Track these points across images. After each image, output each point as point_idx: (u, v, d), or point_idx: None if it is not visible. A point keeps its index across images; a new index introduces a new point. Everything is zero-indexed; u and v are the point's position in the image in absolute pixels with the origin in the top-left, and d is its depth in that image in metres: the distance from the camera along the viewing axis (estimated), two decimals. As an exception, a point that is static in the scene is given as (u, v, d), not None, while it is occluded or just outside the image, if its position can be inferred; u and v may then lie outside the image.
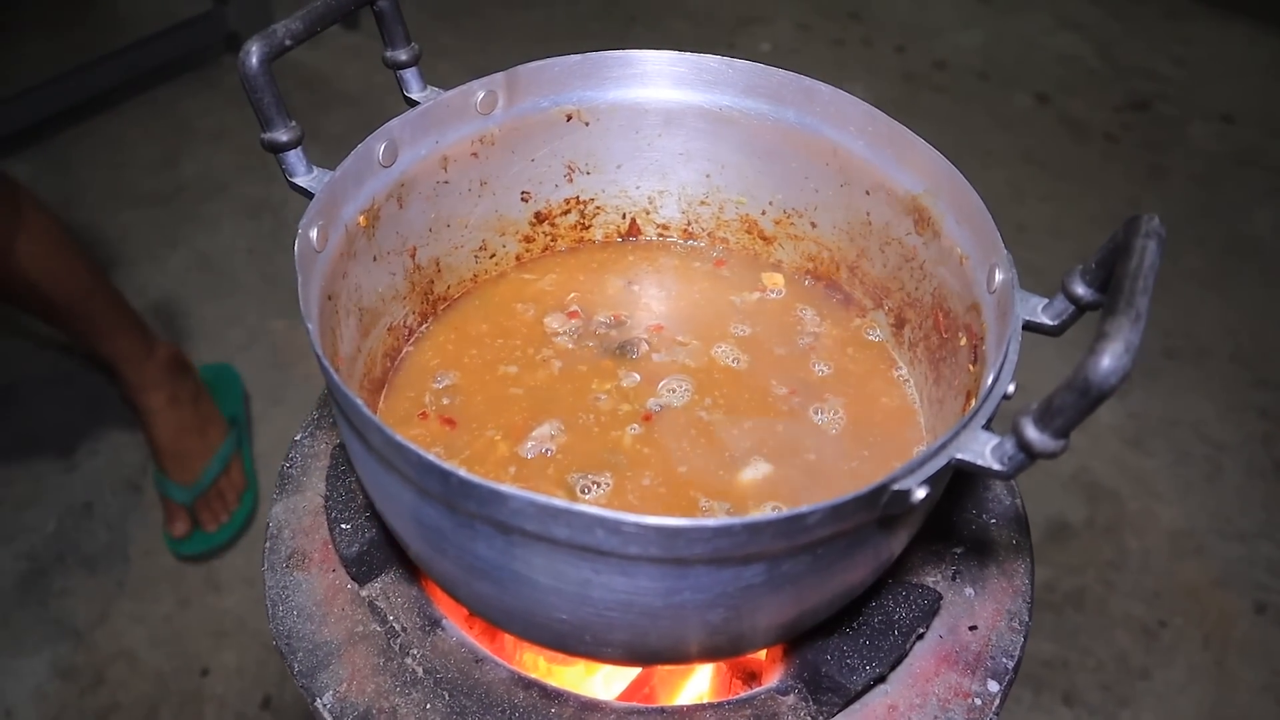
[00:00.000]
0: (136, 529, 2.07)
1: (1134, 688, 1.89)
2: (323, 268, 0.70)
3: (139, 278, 2.50)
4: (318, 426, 0.88)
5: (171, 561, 2.01)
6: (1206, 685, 1.89)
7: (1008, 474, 0.55)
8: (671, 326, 0.87)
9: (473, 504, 0.53)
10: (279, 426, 2.22)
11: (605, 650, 0.62)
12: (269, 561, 0.79)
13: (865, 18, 3.42)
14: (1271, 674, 1.90)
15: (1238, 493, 2.16)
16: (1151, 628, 1.96)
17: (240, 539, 2.04)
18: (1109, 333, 0.49)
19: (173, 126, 2.89)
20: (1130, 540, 2.08)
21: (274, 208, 2.68)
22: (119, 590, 1.98)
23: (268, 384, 2.30)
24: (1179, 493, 2.15)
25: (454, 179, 0.83)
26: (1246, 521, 2.11)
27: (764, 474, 0.76)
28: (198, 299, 2.46)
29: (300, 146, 0.71)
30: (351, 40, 3.19)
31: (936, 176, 0.75)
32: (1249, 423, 2.26)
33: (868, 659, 0.69)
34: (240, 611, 1.94)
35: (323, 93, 3.00)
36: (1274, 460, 2.20)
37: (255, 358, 2.36)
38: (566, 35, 3.26)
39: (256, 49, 0.66)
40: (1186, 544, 2.08)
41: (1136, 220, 0.57)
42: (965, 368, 0.72)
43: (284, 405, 2.26)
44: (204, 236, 2.61)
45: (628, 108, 0.86)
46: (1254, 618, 1.98)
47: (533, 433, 0.77)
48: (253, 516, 2.08)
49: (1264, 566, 2.04)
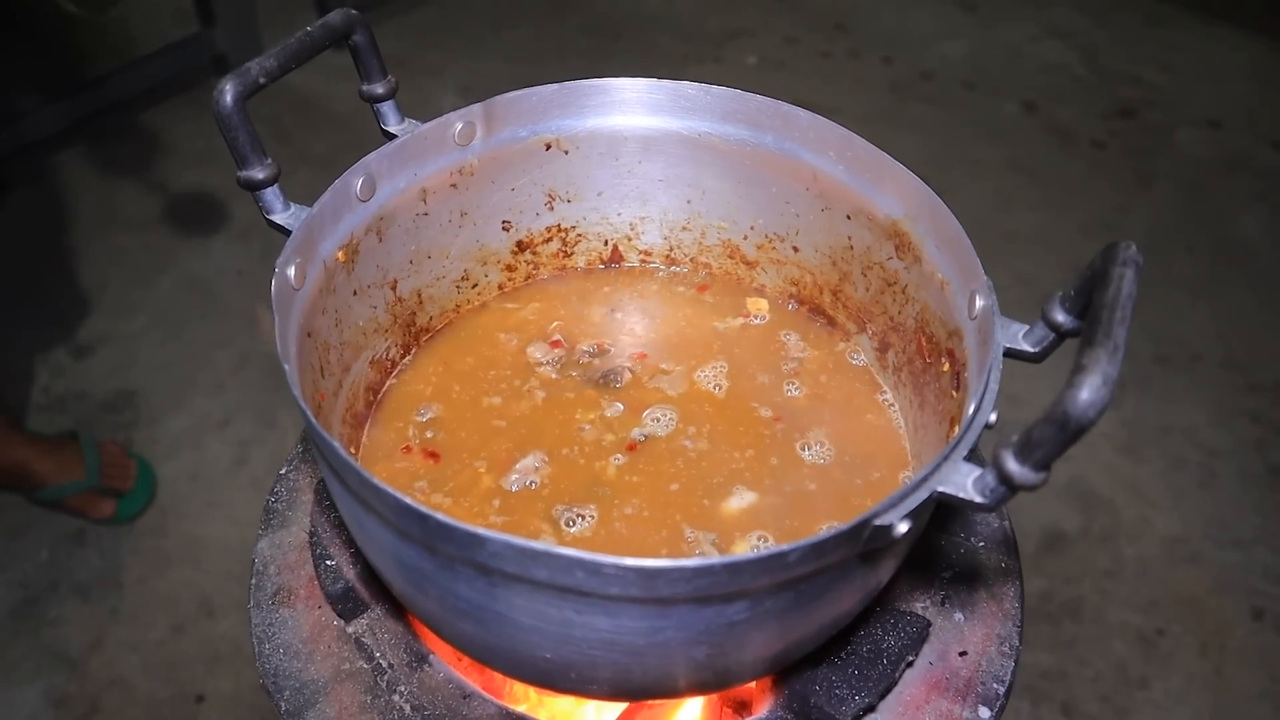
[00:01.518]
0: (129, 556, 2.06)
1: (1132, 697, 1.89)
2: (301, 305, 0.69)
3: (130, 300, 2.49)
4: (303, 460, 0.88)
5: (165, 587, 2.01)
6: (1205, 693, 1.89)
7: (990, 506, 0.55)
8: (655, 354, 0.87)
9: (452, 546, 0.53)
10: (272, 450, 2.22)
11: (590, 687, 0.62)
12: (254, 598, 0.79)
13: (851, 29, 3.43)
14: (1270, 680, 1.90)
15: (1232, 499, 2.16)
16: (1149, 636, 1.96)
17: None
18: (1086, 365, 0.49)
19: (162, 149, 2.89)
20: (1126, 548, 2.08)
21: (264, 230, 2.63)
22: (112, 618, 1.97)
23: (260, 407, 2.30)
24: (1173, 500, 2.15)
25: (434, 210, 0.82)
26: (1242, 528, 2.11)
27: (749, 503, 0.75)
28: (189, 321, 2.46)
29: (276, 184, 0.71)
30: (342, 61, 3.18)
31: (916, 201, 0.75)
32: (1242, 428, 2.26)
33: (857, 689, 0.69)
34: (235, 636, 1.93)
35: (313, 114, 3.00)
36: (1268, 465, 2.20)
37: (247, 381, 2.35)
38: (553, 53, 3.27)
39: (230, 88, 0.66)
40: (1182, 551, 2.08)
41: (1114, 248, 0.56)
42: (948, 393, 0.72)
43: (278, 428, 2.25)
44: (194, 259, 2.61)
45: (606, 135, 0.85)
46: (1251, 625, 1.97)
47: (517, 465, 0.77)
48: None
49: (1260, 573, 2.04)
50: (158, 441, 2.24)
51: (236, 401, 2.31)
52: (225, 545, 2.07)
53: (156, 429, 2.27)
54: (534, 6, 3.50)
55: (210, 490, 2.17)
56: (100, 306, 2.50)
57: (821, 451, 0.80)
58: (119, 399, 2.32)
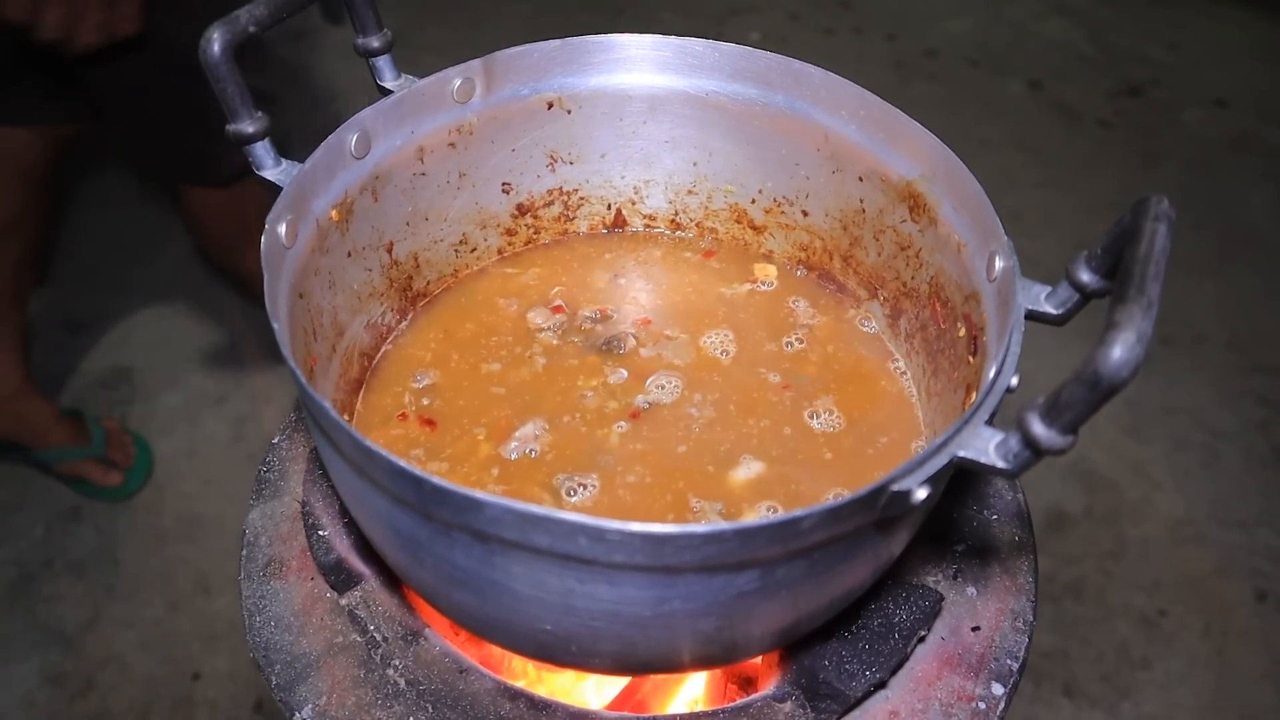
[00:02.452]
0: (125, 533, 2.04)
1: (1134, 678, 1.87)
2: (293, 264, 0.67)
3: (126, 277, 2.46)
4: (295, 429, 0.86)
5: (162, 564, 1.99)
6: (1207, 674, 1.87)
7: (1013, 472, 0.52)
8: (659, 320, 0.84)
9: (448, 512, 0.50)
10: (269, 426, 2.19)
11: (592, 661, 0.59)
12: (245, 570, 0.77)
13: (855, 6, 3.39)
14: (1273, 662, 1.88)
15: (1236, 480, 2.14)
16: (1151, 617, 1.94)
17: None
18: (1120, 322, 0.46)
19: (156, 124, 2.86)
20: (1129, 529, 2.06)
21: (260, 205, 2.65)
22: (108, 595, 1.95)
23: (257, 384, 2.27)
24: (1177, 481, 2.13)
25: (431, 170, 0.80)
26: (1245, 509, 2.09)
27: (757, 473, 0.73)
28: (185, 297, 2.43)
29: (268, 138, 0.68)
30: (338, 34, 3.15)
31: (932, 161, 0.72)
32: (1246, 409, 2.24)
33: (867, 664, 0.67)
34: (232, 614, 1.91)
35: (307, 87, 2.97)
36: (1272, 447, 2.18)
37: (243, 358, 2.33)
38: (554, 29, 3.19)
39: (218, 36, 0.63)
40: (1186, 532, 2.06)
41: (1145, 202, 0.54)
42: (964, 360, 0.69)
43: (274, 404, 2.23)
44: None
45: (611, 94, 0.83)
46: (1255, 606, 1.96)
47: (516, 433, 0.75)
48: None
49: (1264, 554, 2.02)
50: (154, 418, 2.22)
51: (233, 378, 2.29)
52: (222, 522, 2.05)
53: (153, 406, 2.24)
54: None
55: (207, 467, 2.14)
56: (96, 283, 2.47)
57: (831, 420, 0.77)
58: (115, 375, 2.30)
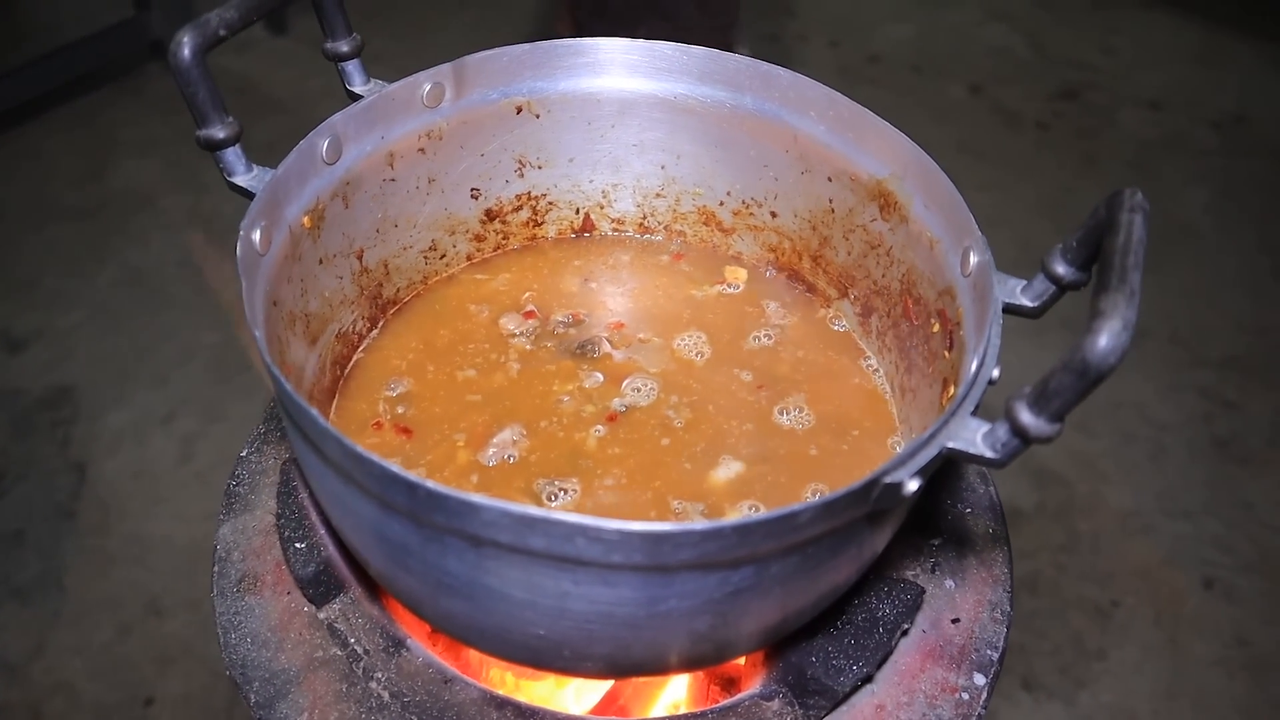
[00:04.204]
0: (70, 556, 1.98)
1: (1090, 669, 1.91)
2: (267, 271, 0.65)
3: (67, 293, 2.40)
4: (265, 441, 0.84)
5: (110, 587, 1.93)
6: (1160, 662, 1.91)
7: (1000, 461, 0.53)
8: (632, 324, 0.84)
9: (441, 516, 0.50)
10: (219, 444, 2.15)
11: (584, 665, 0.59)
12: (218, 586, 0.75)
13: (799, 13, 3.43)
14: (1222, 648, 1.93)
15: (1181, 472, 2.19)
16: (1105, 608, 1.98)
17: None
18: (1105, 310, 0.47)
19: (97, 138, 2.79)
20: (1080, 523, 2.10)
21: (205, 219, 2.60)
22: (54, 620, 1.89)
23: (206, 400, 2.23)
24: (1125, 474, 2.18)
25: (401, 176, 0.79)
26: (1191, 499, 2.15)
27: (736, 472, 0.73)
28: (128, 314, 2.38)
29: (239, 144, 0.67)
30: (281, 45, 3.11)
31: (903, 160, 0.73)
32: (1189, 403, 2.30)
33: (854, 659, 0.67)
34: (185, 636, 1.87)
35: (252, 99, 2.92)
36: (1215, 438, 2.24)
37: (191, 374, 2.28)
38: (499, 38, 3.20)
39: (189, 39, 0.62)
40: (1134, 524, 2.11)
41: (1119, 195, 0.55)
42: (940, 354, 0.70)
43: (225, 421, 2.19)
44: (133, 250, 2.52)
45: (580, 98, 0.83)
46: (1203, 593, 2.01)
47: (494, 439, 0.74)
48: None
49: (1210, 543, 2.08)
50: (98, 438, 2.16)
51: (180, 395, 2.24)
52: (172, 543, 2.00)
53: (97, 425, 2.18)
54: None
55: (155, 487, 2.09)
56: (35, 300, 2.40)
57: (805, 418, 0.78)
58: (57, 395, 2.23)
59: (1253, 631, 1.95)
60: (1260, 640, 1.94)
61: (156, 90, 2.94)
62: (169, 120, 2.85)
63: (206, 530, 2.05)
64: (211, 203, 2.63)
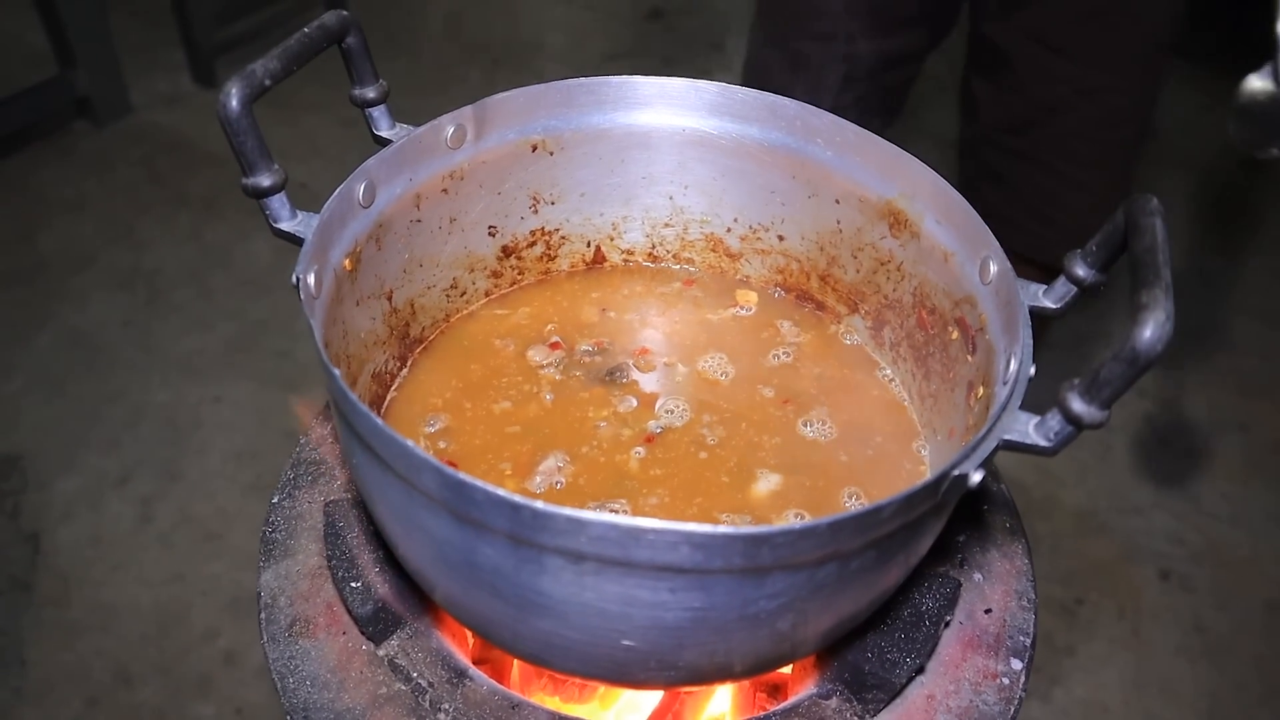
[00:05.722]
0: (30, 630, 1.91)
1: (1062, 665, 1.97)
2: (320, 315, 0.67)
3: (5, 359, 2.33)
4: (295, 486, 0.84)
5: (75, 660, 1.87)
6: (1126, 654, 1.99)
7: (1052, 449, 0.57)
8: (655, 349, 0.87)
9: (546, 536, 0.52)
10: (179, 503, 2.11)
11: (668, 674, 0.61)
12: (268, 633, 0.75)
13: (725, 47, 3.52)
14: (1182, 635, 2.02)
15: (1129, 470, 2.30)
16: (1070, 606, 2.06)
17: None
18: (1148, 304, 0.52)
19: (26, 199, 2.73)
20: (1039, 525, 2.18)
21: (146, 276, 2.56)
22: (16, 699, 1.83)
23: (161, 460, 2.18)
24: (1077, 476, 2.27)
25: (425, 217, 0.81)
26: (1141, 495, 2.25)
27: (775, 484, 0.76)
28: (73, 378, 2.32)
29: (283, 191, 0.68)
30: (210, 98, 3.08)
31: (912, 179, 0.77)
32: (1131, 403, 2.41)
33: (906, 652, 0.70)
34: (157, 704, 1.82)
35: (187, 153, 2.89)
36: (1157, 436, 2.35)
37: (143, 434, 2.23)
38: (435, 84, 3.24)
39: (237, 91, 0.64)
40: (1090, 523, 2.20)
41: (1136, 202, 0.60)
42: (961, 359, 0.74)
43: (183, 480, 2.14)
44: (73, 312, 2.46)
45: (592, 135, 0.86)
46: (1161, 585, 2.10)
47: (540, 466, 0.76)
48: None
49: (1163, 536, 2.17)
50: (50, 506, 2.10)
51: (134, 457, 2.19)
52: (137, 608, 1.95)
53: (47, 493, 2.12)
54: (408, 38, 3.47)
55: (115, 552, 2.04)
56: (-29, 368, 2.33)
57: (830, 429, 0.81)
58: (2, 465, 2.17)
59: (1209, 618, 2.04)
60: (1217, 626, 2.03)
61: (86, 148, 2.89)
62: (102, 178, 2.80)
63: (172, 593, 2.01)
64: (153, 259, 2.59)
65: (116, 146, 2.91)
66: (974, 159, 1.73)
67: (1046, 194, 1.63)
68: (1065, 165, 1.59)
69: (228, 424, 2.26)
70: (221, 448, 2.22)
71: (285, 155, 0.68)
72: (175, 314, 2.49)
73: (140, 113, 3.03)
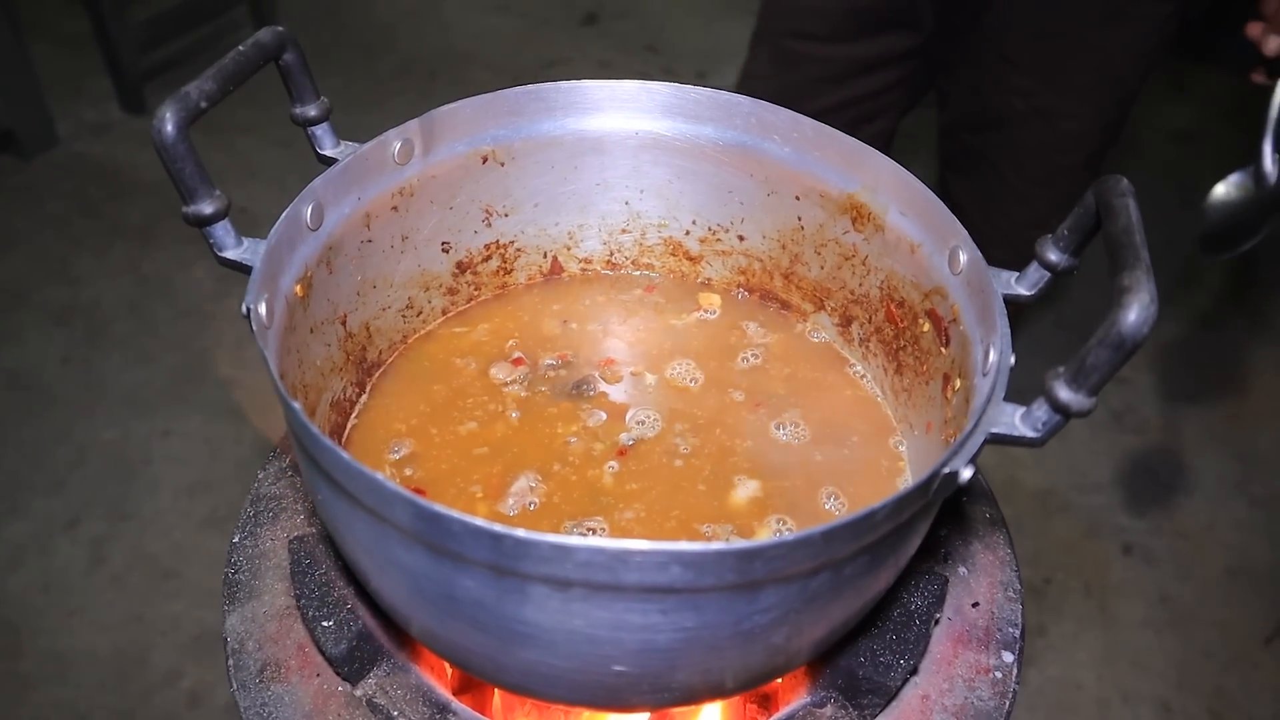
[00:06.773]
0: (-18, 687, 1.84)
1: (1034, 645, 1.99)
2: (273, 345, 0.64)
3: (-61, 407, 2.25)
4: (256, 524, 0.81)
5: (31, 713, 1.80)
6: (1095, 630, 2.01)
7: (1039, 440, 0.56)
8: (621, 359, 0.85)
9: (529, 564, 0.49)
10: (132, 543, 2.04)
11: (660, 696, 0.59)
12: (237, 680, 0.72)
13: (662, 50, 3.51)
14: (1147, 607, 2.04)
15: (1086, 448, 2.32)
16: (1038, 586, 2.07)
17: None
18: (1130, 286, 0.51)
19: (-49, 237, 2.64)
20: (1003, 508, 2.18)
21: (84, 311, 2.48)
22: (-28, 759, 1.75)
23: (110, 500, 2.11)
24: (1035, 457, 2.29)
25: (376, 237, 0.78)
26: (1099, 472, 2.27)
27: (754, 491, 0.75)
28: (14, 421, 2.24)
29: (227, 218, 0.65)
30: (140, 125, 3.00)
31: (874, 172, 0.76)
32: (1083, 381, 2.44)
33: (899, 653, 0.69)
34: (121, 754, 1.76)
35: (118, 182, 2.81)
36: (1111, 413, 2.38)
37: (89, 474, 2.16)
38: (371, 99, 3.18)
39: (171, 115, 0.60)
40: (1053, 503, 2.21)
41: (1106, 183, 0.59)
42: (934, 352, 0.73)
43: (135, 519, 2.08)
44: (8, 351, 2.38)
45: (543, 143, 0.83)
46: (1124, 560, 2.12)
47: (511, 488, 0.73)
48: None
49: (1122, 510, 2.20)
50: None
51: (82, 498, 2.12)
52: (94, 655, 1.89)
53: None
54: (341, 54, 3.41)
55: (67, 598, 1.97)
56: (-98, 418, 2.24)
57: (804, 430, 0.80)
58: (-58, 514, 2.08)
59: (1172, 589, 2.07)
60: (1180, 595, 2.06)
61: (12, 183, 2.79)
62: (30, 213, 2.71)
63: (130, 635, 1.95)
64: (90, 293, 2.51)
65: (44, 180, 2.82)
66: (943, 145, 1.76)
67: (992, 195, 1.66)
68: (1012, 175, 1.62)
69: (178, 457, 2.20)
70: (173, 482, 2.15)
71: (223, 180, 0.65)
72: (116, 348, 2.41)
73: (68, 144, 2.94)
